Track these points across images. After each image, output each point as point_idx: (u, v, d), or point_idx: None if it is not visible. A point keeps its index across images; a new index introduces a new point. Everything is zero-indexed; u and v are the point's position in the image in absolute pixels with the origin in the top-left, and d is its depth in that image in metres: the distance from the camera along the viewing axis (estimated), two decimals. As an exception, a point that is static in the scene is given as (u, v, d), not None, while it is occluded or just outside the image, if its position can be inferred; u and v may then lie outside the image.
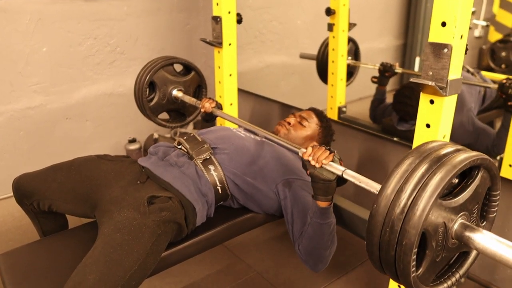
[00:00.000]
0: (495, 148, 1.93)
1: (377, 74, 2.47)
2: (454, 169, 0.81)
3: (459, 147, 0.90)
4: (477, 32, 3.09)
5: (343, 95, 2.58)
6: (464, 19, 1.15)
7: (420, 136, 1.27)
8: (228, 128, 1.64)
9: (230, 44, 2.01)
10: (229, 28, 1.97)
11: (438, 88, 1.18)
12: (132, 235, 1.16)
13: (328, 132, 1.75)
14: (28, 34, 2.37)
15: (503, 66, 2.96)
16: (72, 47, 2.52)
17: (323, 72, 2.62)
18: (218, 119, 2.04)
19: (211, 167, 1.42)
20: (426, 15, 3.56)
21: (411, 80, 1.21)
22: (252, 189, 1.44)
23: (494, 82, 2.36)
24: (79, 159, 1.54)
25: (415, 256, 0.82)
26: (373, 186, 1.10)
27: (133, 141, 2.81)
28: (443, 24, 1.15)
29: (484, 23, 3.24)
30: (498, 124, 2.11)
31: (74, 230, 1.51)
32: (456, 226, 0.88)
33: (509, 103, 2.00)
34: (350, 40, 2.56)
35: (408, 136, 2.17)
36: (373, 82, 2.49)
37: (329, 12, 2.41)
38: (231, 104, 2.11)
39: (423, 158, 0.85)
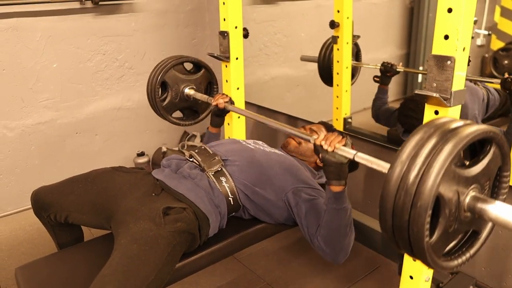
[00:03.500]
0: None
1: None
2: (469, 136, 0.82)
3: (469, 121, 0.89)
4: (479, 41, 3.13)
5: (348, 106, 2.62)
6: (466, 32, 1.19)
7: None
8: (237, 140, 1.68)
9: (237, 58, 2.05)
10: (236, 43, 2.01)
11: (442, 100, 1.21)
12: (148, 246, 1.19)
13: None
14: (39, 51, 2.43)
15: (506, 74, 3.00)
16: (81, 63, 2.58)
17: (325, 75, 2.65)
18: (228, 114, 2.05)
19: (223, 179, 1.45)
20: (429, 25, 3.62)
21: (416, 92, 1.25)
22: (262, 199, 1.47)
23: (496, 90, 2.39)
24: (95, 171, 1.58)
25: (429, 219, 0.82)
26: (384, 167, 1.10)
27: (141, 154, 2.85)
28: (446, 37, 1.19)
29: (486, 32, 3.28)
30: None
31: (90, 242, 1.54)
32: (468, 198, 0.88)
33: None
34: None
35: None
36: (375, 81, 2.54)
37: (333, 25, 2.45)
38: (238, 117, 2.14)
39: (435, 130, 0.85)
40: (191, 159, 1.54)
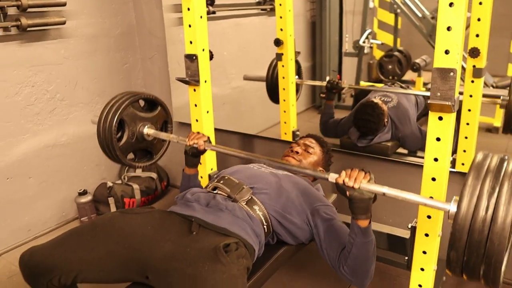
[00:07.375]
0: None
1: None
2: None
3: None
4: (365, 50, 3.52)
5: (295, 120, 2.72)
6: (461, 47, 1.36)
7: (432, 149, 1.43)
8: (248, 166, 1.63)
9: (205, 81, 2.00)
10: (204, 65, 1.97)
11: (451, 106, 1.36)
12: None
13: (330, 155, 1.84)
14: (-44, 88, 2.06)
15: (390, 77, 3.41)
16: (8, 97, 2.24)
17: (273, 93, 2.70)
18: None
19: (256, 207, 1.41)
20: (331, 38, 3.93)
21: (429, 101, 1.37)
22: (291, 224, 1.47)
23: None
24: (100, 219, 1.39)
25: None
26: (414, 199, 1.21)
27: (84, 193, 2.57)
28: (447, 52, 1.34)
29: (380, 42, 3.70)
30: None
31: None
32: None
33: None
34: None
35: (367, 150, 2.35)
36: (322, 97, 2.69)
37: (278, 43, 2.53)
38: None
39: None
40: (215, 191, 1.46)
